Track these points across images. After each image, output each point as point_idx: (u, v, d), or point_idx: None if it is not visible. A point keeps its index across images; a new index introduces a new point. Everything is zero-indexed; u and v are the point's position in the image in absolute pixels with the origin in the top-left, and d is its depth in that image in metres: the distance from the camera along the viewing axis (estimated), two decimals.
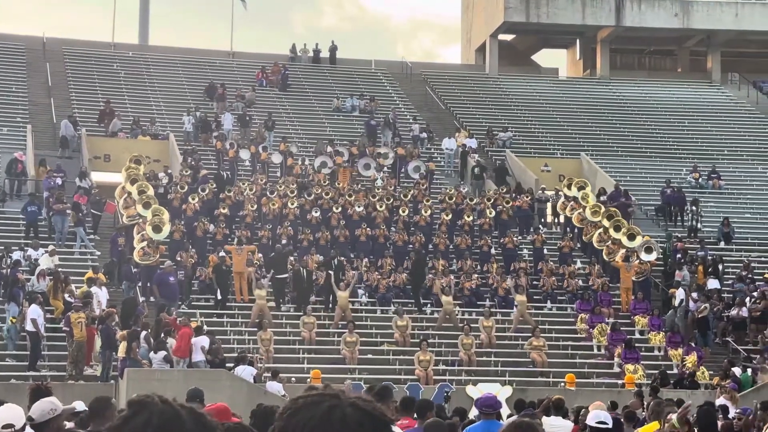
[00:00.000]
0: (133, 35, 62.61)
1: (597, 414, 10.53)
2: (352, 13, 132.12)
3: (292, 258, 32.67)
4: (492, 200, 37.54)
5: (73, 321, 26.08)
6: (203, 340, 25.92)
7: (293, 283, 31.86)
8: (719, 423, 13.29)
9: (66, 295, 28.88)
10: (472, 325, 30.37)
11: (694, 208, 39.72)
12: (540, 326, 31.13)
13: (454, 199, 37.56)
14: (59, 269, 30.42)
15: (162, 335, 25.84)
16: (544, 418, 10.95)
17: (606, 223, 35.21)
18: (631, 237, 34.30)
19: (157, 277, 29.85)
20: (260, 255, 32.81)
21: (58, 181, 36.22)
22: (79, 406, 9.18)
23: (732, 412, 16.66)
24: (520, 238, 36.83)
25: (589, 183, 38.80)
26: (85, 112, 45.03)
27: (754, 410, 13.17)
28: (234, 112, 46.08)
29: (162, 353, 25.11)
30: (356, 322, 30.72)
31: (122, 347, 25.41)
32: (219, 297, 30.88)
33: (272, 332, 29.21)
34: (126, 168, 35.73)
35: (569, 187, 37.96)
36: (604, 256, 34.70)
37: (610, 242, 34.75)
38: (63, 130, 41.69)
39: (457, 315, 31.42)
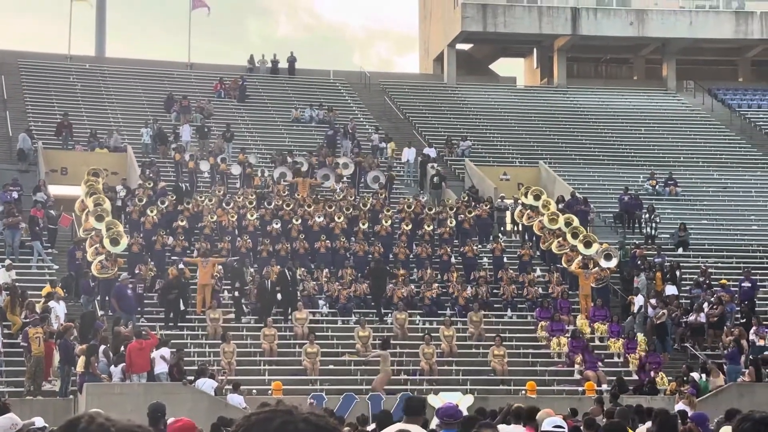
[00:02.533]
0: (90, 47, 62.33)
1: (553, 420, 10.62)
2: (307, 22, 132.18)
3: (252, 270, 32.59)
4: (454, 209, 37.65)
5: (30, 336, 25.85)
6: (164, 351, 25.79)
7: (257, 295, 31.79)
8: (679, 428, 13.42)
9: (26, 312, 28.59)
10: (432, 334, 30.45)
11: (649, 215, 40.04)
12: (500, 334, 31.25)
13: (413, 208, 37.65)
14: (16, 284, 30.14)
15: (122, 349, 25.67)
16: (503, 427, 11.02)
17: (565, 229, 35.43)
18: (588, 245, 34.54)
19: (116, 290, 29.68)
20: (220, 267, 32.71)
21: (15, 194, 35.91)
22: (39, 422, 9.13)
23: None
24: (480, 246, 36.98)
25: (545, 191, 39.03)
26: (42, 124, 44.70)
27: (716, 426, 13.28)
28: (193, 124, 45.93)
29: (123, 365, 24.96)
30: (317, 333, 30.70)
31: (81, 362, 25.21)
32: (182, 308, 30.70)
33: (234, 344, 29.12)
34: (85, 181, 35.50)
35: (526, 195, 38.15)
36: (563, 264, 34.90)
37: (568, 249, 34.97)
38: (21, 143, 41.34)
39: (406, 328, 31.36)
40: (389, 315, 32.24)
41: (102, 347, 25.64)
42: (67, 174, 40.49)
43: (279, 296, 31.74)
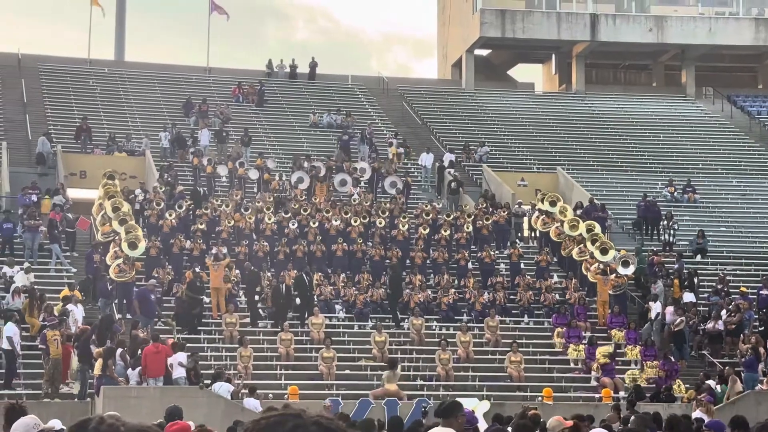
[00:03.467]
0: (109, 51, 62.61)
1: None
2: (325, 26, 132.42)
3: (269, 274, 32.63)
4: (472, 216, 37.62)
5: (48, 338, 25.95)
6: (181, 356, 25.84)
7: (272, 299, 31.84)
8: None
9: (44, 314, 28.71)
10: (449, 340, 30.42)
11: (667, 222, 39.90)
12: (517, 341, 31.20)
13: (431, 214, 37.63)
14: (35, 286, 30.27)
15: (139, 352, 25.74)
16: None
17: (586, 236, 35.35)
18: (604, 251, 34.45)
19: (139, 293, 29.77)
20: (237, 271, 32.77)
21: (33, 197, 36.07)
22: (56, 424, 9.16)
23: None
24: (497, 252, 36.93)
25: (561, 197, 38.96)
26: (61, 128, 44.90)
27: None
28: (211, 128, 46.05)
29: (139, 368, 25.03)
30: (333, 338, 30.72)
31: (98, 365, 25.29)
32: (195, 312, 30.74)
33: (251, 348, 29.16)
34: (103, 184, 35.62)
35: (542, 201, 38.12)
36: (584, 270, 34.82)
37: (588, 256, 34.89)
38: (40, 146, 41.54)
39: (423, 334, 31.31)
40: (406, 320, 32.22)
41: (119, 350, 25.71)
42: (86, 177, 40.65)
43: (297, 300, 31.78)
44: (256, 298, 31.87)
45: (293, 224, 35.20)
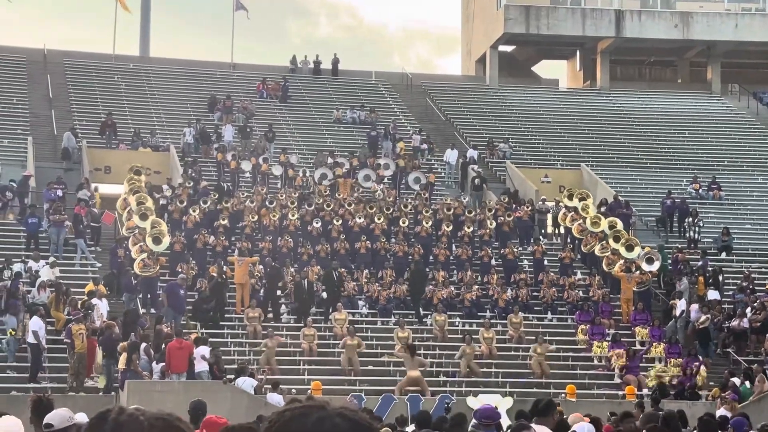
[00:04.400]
0: (134, 47, 62.87)
1: (583, 426, 10.60)
2: (347, 22, 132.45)
3: (292, 269, 32.71)
4: (493, 211, 37.57)
5: (74, 333, 26.11)
6: (203, 350, 25.93)
7: (294, 295, 31.91)
8: None
9: (69, 308, 28.90)
10: (473, 336, 30.41)
11: (692, 219, 39.73)
12: (541, 337, 31.10)
13: (453, 210, 37.60)
14: (60, 281, 30.45)
15: (163, 346, 25.86)
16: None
17: (608, 232, 35.25)
18: (629, 248, 34.34)
19: (168, 287, 29.88)
20: (261, 267, 32.86)
21: (59, 192, 36.28)
22: (81, 418, 9.22)
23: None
24: (520, 249, 36.87)
25: (590, 194, 38.86)
26: (86, 123, 45.13)
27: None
28: (235, 124, 46.17)
29: (163, 364, 25.14)
30: (357, 334, 30.73)
31: (122, 359, 25.43)
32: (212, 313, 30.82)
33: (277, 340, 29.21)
34: (128, 180, 35.79)
35: (570, 197, 38.00)
36: (604, 267, 34.72)
37: (609, 252, 34.78)
38: (65, 141, 41.78)
39: (446, 330, 31.29)
40: (428, 317, 32.23)
41: (143, 345, 25.83)
42: (110, 173, 40.85)
43: (324, 294, 31.85)
44: (279, 293, 31.94)
45: (317, 222, 35.25)
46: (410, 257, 34.69)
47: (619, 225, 35.80)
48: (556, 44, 60.65)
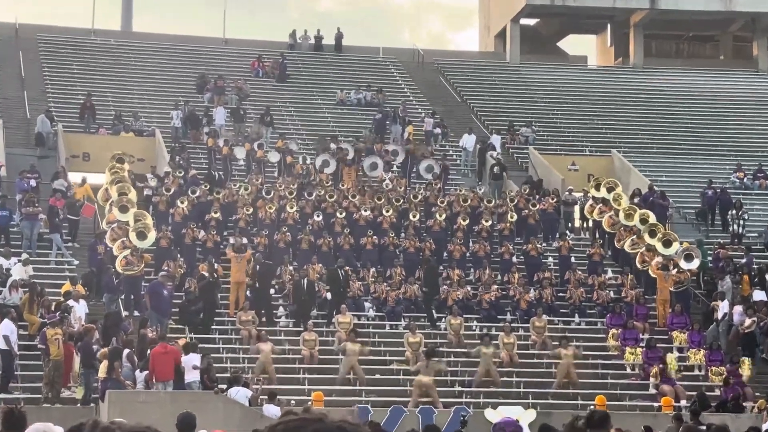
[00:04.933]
0: (116, 21, 62.92)
1: None
2: None
3: (291, 267, 32.74)
4: (514, 203, 37.56)
5: (49, 338, 26.14)
6: (194, 358, 25.96)
7: (292, 296, 31.95)
8: None
9: (43, 311, 28.93)
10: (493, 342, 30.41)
11: (736, 211, 39.65)
12: (565, 341, 31.02)
13: (470, 201, 37.59)
14: (34, 280, 30.50)
15: (148, 353, 25.89)
16: None
17: (640, 226, 35.22)
18: (667, 243, 34.28)
19: (151, 287, 29.89)
20: (250, 264, 32.81)
21: (32, 182, 36.32)
22: None
23: None
24: (544, 244, 36.85)
25: (619, 183, 38.84)
26: (62, 106, 45.18)
27: None
28: (227, 106, 46.18)
29: (147, 372, 25.18)
30: (363, 339, 30.71)
31: (103, 367, 25.46)
32: (202, 316, 30.82)
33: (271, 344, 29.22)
34: (109, 168, 35.81)
35: (597, 187, 37.93)
36: (638, 265, 34.69)
37: (644, 249, 34.75)
38: (39, 126, 41.83)
39: (462, 335, 31.28)
40: (442, 320, 32.23)
41: (126, 351, 25.87)
42: (89, 160, 40.90)
43: (328, 295, 31.88)
44: (273, 293, 31.95)
45: (318, 215, 35.25)
46: (422, 254, 34.67)
47: (652, 218, 35.72)
48: (584, 17, 60.55)
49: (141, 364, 25.66)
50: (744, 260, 36.08)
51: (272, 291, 32.41)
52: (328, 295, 32.04)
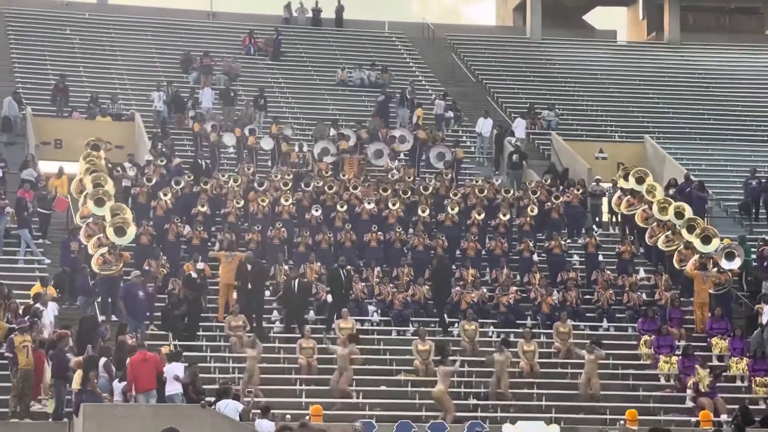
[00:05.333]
0: None
1: None
2: None
3: (287, 267, 32.74)
4: (535, 195, 37.56)
5: (17, 345, 26.14)
6: (176, 368, 25.97)
7: (283, 299, 31.95)
8: None
9: (10, 315, 28.97)
10: (511, 350, 30.40)
11: None
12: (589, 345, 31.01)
13: (486, 193, 37.58)
14: (0, 281, 30.53)
15: (128, 362, 25.91)
16: None
17: (676, 221, 35.20)
18: (706, 240, 34.26)
19: (124, 290, 29.92)
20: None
21: None
22: None
23: None
24: (569, 241, 36.84)
25: (652, 172, 38.80)
26: (32, 87, 45.21)
27: None
28: (215, 87, 46.20)
29: (125, 383, 25.18)
30: (366, 346, 30.73)
31: (77, 377, 25.46)
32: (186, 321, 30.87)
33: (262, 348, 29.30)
34: (84, 156, 35.83)
35: (626, 177, 37.91)
36: (675, 264, 34.69)
37: (681, 246, 34.74)
38: (6, 109, 41.91)
39: (476, 342, 31.31)
40: (455, 325, 32.24)
41: (102, 360, 25.89)
42: (61, 147, 40.95)
43: (329, 298, 31.91)
44: (267, 295, 31.97)
45: (316, 210, 35.26)
46: (432, 252, 34.68)
47: (688, 211, 35.65)
48: None
49: (119, 374, 25.67)
50: None
51: (267, 293, 32.41)
52: (329, 298, 32.08)
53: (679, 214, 35.50)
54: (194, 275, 31.34)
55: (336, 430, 25.26)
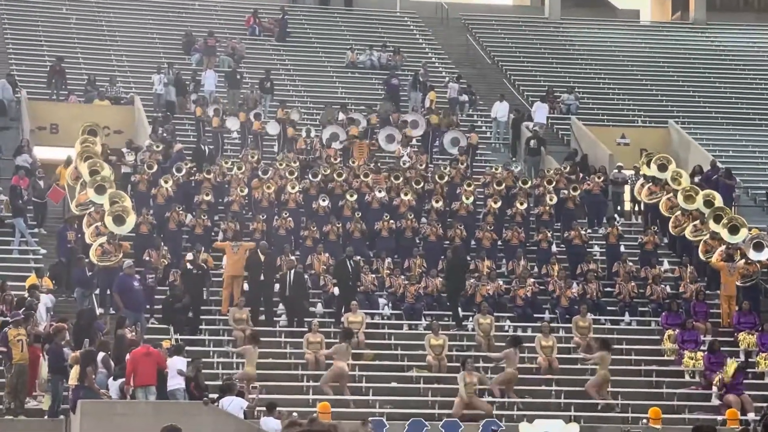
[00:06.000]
0: None
1: None
2: None
3: (293, 258, 32.76)
4: (554, 183, 37.53)
5: (11, 339, 26.24)
6: (178, 362, 26.02)
7: (279, 292, 31.88)
8: None
9: (4, 307, 29.04)
10: (527, 345, 30.42)
11: None
12: (616, 345, 31.07)
13: (502, 181, 37.54)
14: None
15: (127, 357, 25.98)
16: None
17: (704, 210, 35.13)
18: (733, 230, 34.21)
19: (119, 282, 29.93)
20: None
21: None
22: None
23: None
24: (589, 231, 36.82)
25: (673, 160, 38.75)
26: (26, 69, 45.24)
27: None
28: (219, 69, 46.17)
29: (121, 381, 25.23)
30: (377, 341, 30.75)
31: (74, 373, 25.53)
32: (191, 314, 30.90)
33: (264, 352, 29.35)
34: (82, 142, 35.83)
35: (648, 164, 37.85)
36: (701, 255, 34.65)
37: (707, 236, 34.69)
38: (0, 93, 41.90)
39: (492, 336, 31.35)
40: (470, 319, 32.25)
41: (101, 355, 25.95)
42: (58, 132, 40.96)
43: (336, 291, 31.93)
44: (286, 288, 31.99)
45: (324, 200, 35.26)
46: (446, 242, 34.68)
47: (718, 200, 35.64)
48: None
49: (117, 371, 25.68)
50: None
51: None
52: (335, 290, 32.09)
53: (708, 203, 35.41)
54: (190, 266, 31.27)
55: (346, 427, 25.27)
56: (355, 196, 35.70)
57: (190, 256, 31.77)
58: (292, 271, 31.62)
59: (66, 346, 26.70)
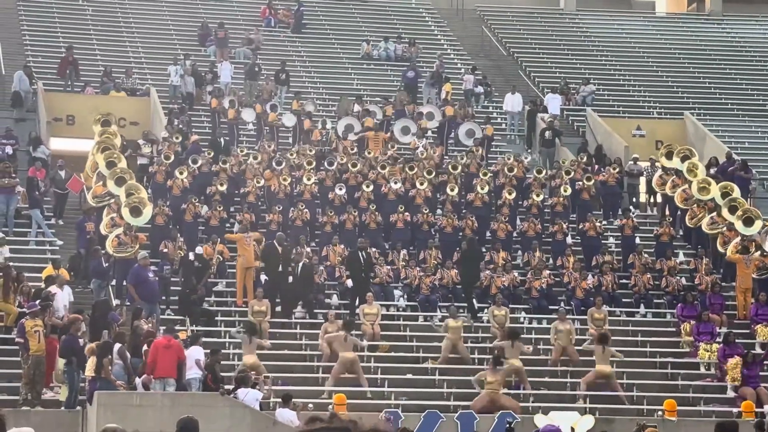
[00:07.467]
0: None
1: None
2: None
3: (308, 249, 32.75)
4: (569, 174, 37.48)
5: (28, 330, 26.29)
6: (197, 351, 26.07)
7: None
8: None
9: (21, 299, 29.10)
10: (543, 337, 30.36)
11: None
12: (631, 337, 30.99)
13: (516, 171, 37.49)
14: (10, 264, 30.66)
15: (144, 348, 26.03)
16: None
17: (720, 201, 35.05)
18: (748, 222, 34.13)
19: (134, 273, 29.95)
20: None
21: (8, 149, 36.46)
22: None
23: None
24: (604, 223, 36.76)
25: (695, 151, 38.68)
26: (43, 60, 45.29)
27: None
28: (235, 61, 46.17)
29: (145, 377, 25.28)
30: (392, 332, 30.74)
31: (91, 364, 25.58)
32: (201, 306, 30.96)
33: (272, 343, 29.46)
34: (100, 133, 35.84)
35: (669, 156, 37.77)
36: (718, 247, 34.59)
37: (724, 228, 34.62)
38: (16, 84, 41.96)
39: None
40: (485, 311, 32.24)
41: (117, 346, 26.00)
42: (74, 124, 41.03)
43: (349, 283, 31.93)
44: (291, 280, 32.02)
45: (340, 189, 35.27)
46: (461, 234, 34.66)
47: (736, 192, 35.55)
48: None
49: (140, 367, 25.68)
50: None
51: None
52: (349, 282, 32.07)
53: (725, 194, 35.33)
54: (191, 257, 31.30)
55: (367, 420, 25.31)
56: (371, 187, 35.70)
57: (199, 249, 31.80)
58: (300, 264, 31.60)
59: (82, 337, 26.75)
